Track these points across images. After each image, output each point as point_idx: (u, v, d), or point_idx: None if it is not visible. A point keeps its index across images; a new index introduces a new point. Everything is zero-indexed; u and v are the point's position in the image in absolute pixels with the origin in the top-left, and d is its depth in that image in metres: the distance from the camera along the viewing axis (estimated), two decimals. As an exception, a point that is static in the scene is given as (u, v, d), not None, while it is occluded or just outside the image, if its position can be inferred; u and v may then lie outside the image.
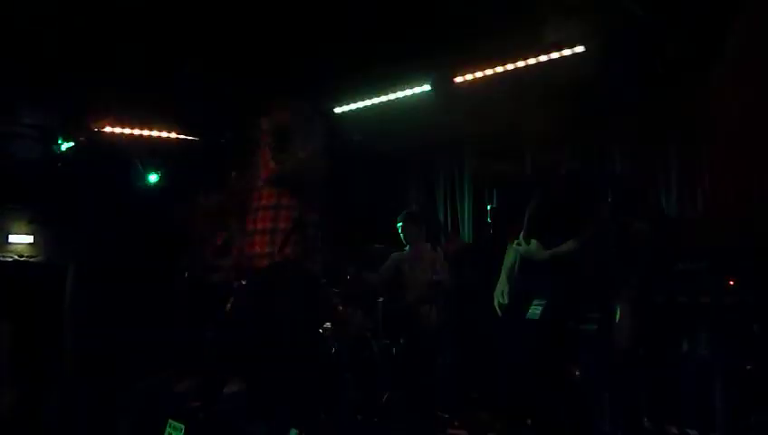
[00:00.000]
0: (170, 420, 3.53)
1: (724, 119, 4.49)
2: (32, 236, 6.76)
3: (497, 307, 3.82)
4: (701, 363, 3.92)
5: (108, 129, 6.51)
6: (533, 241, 3.50)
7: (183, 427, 3.48)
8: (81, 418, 4.63)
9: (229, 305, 4.65)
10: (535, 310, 3.54)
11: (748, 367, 3.74)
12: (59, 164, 6.50)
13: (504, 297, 3.77)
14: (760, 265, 3.93)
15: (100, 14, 4.83)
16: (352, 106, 6.39)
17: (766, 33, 4.04)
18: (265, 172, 3.73)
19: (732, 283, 3.89)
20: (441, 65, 5.54)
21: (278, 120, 3.80)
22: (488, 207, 4.72)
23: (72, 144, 6.51)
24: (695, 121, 4.97)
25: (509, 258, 3.84)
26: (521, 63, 5.38)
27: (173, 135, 6.87)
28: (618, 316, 4.11)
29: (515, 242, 3.61)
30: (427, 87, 5.79)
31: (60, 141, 6.47)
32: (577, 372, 4.03)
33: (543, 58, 5.24)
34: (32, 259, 6.61)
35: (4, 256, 6.55)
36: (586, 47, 4.96)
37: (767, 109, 4.02)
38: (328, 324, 5.53)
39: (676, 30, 4.69)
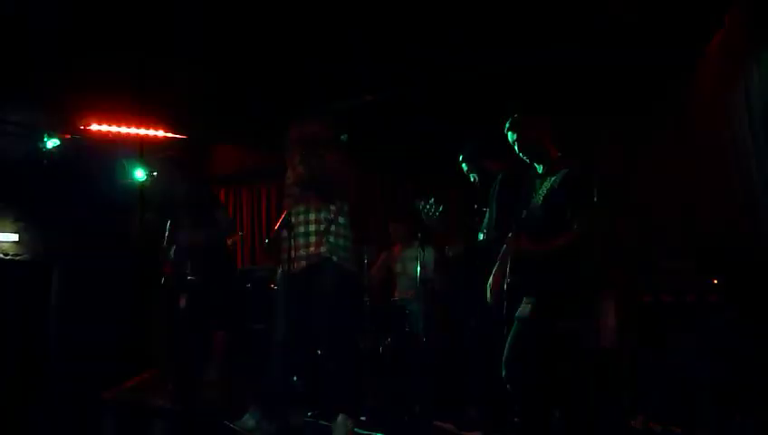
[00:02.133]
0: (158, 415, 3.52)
1: (707, 116, 4.54)
2: (17, 235, 6.71)
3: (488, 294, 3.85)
4: (685, 362, 3.95)
5: (94, 126, 6.48)
6: (522, 235, 3.52)
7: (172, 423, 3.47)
8: (67, 417, 4.61)
9: (183, 302, 4.70)
10: (525, 308, 3.56)
11: (732, 366, 3.77)
12: (45, 162, 6.45)
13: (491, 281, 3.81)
14: (745, 264, 3.96)
15: (90, 10, 4.81)
16: (342, 104, 6.39)
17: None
18: (293, 175, 3.97)
19: (716, 281, 3.93)
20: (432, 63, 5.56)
21: (307, 130, 4.04)
22: (475, 206, 4.72)
23: (57, 142, 6.47)
24: (678, 119, 5.01)
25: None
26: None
27: (160, 133, 6.85)
28: (602, 315, 4.13)
29: (507, 236, 3.64)
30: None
31: (45, 139, 6.43)
32: (562, 371, 4.05)
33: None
34: (17, 257, 6.56)
35: (-12, 255, 6.50)
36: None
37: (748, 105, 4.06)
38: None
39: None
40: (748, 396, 3.66)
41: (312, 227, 3.93)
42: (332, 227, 3.93)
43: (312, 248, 3.88)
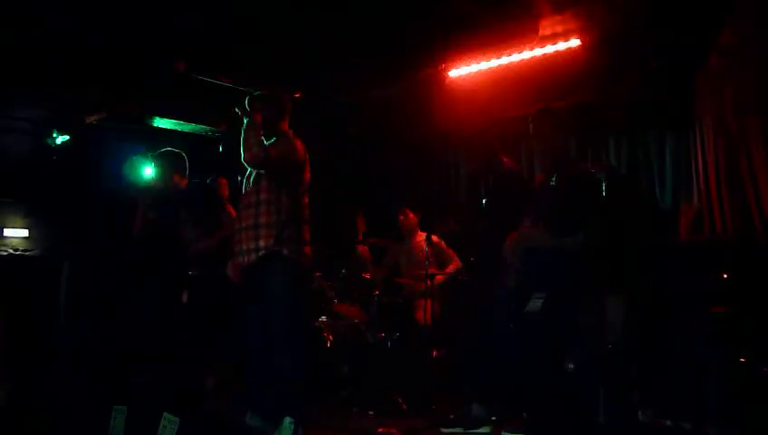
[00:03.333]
0: (165, 414, 3.53)
1: (718, 111, 4.51)
2: (27, 230, 6.74)
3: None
4: (694, 356, 3.93)
5: (103, 122, 6.52)
6: (540, 227, 3.53)
7: (178, 420, 3.48)
8: (75, 413, 4.63)
9: (185, 297, 4.69)
10: (536, 303, 3.56)
11: (741, 359, 3.75)
12: (54, 157, 6.49)
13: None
14: (751, 258, 3.94)
15: (94, 7, 4.82)
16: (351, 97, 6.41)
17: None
18: (248, 156, 3.74)
19: (725, 275, 3.90)
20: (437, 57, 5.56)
21: (265, 112, 3.88)
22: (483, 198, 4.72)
23: (66, 137, 6.50)
24: (689, 114, 4.98)
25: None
26: (517, 56, 5.39)
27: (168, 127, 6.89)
28: (611, 309, 4.12)
29: (521, 226, 3.65)
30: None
31: (55, 135, 6.46)
32: (571, 366, 4.05)
33: (539, 51, 5.25)
34: (27, 253, 6.59)
35: (-1, 250, 6.54)
36: (582, 41, 4.97)
37: (757, 101, 4.03)
38: (323, 318, 5.54)
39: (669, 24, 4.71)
40: (757, 391, 3.65)
41: (263, 220, 3.76)
42: (284, 216, 3.76)
43: (261, 241, 3.73)
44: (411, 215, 6.00)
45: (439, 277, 5.61)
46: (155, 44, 5.39)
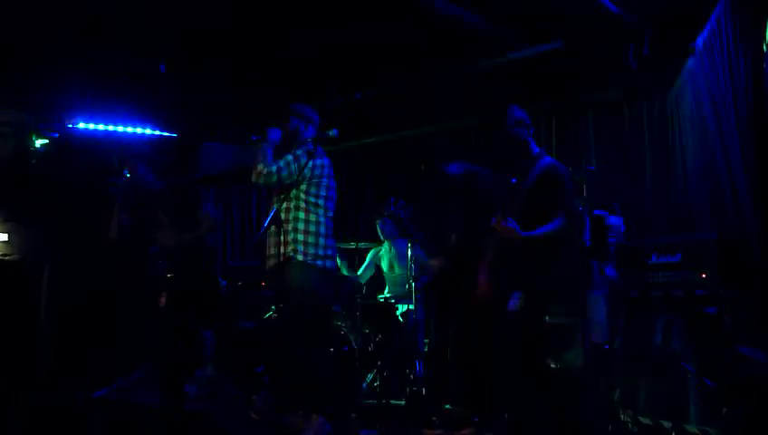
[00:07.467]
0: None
1: (696, 110, 4.54)
2: (6, 235, 6.67)
3: None
4: (674, 355, 3.95)
5: (82, 125, 6.48)
6: (510, 220, 3.54)
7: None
8: (57, 416, 4.60)
9: (163, 299, 4.71)
10: (516, 303, 3.58)
11: (720, 358, 3.77)
12: (33, 161, 6.43)
13: None
14: (731, 258, 3.96)
15: (75, 10, 4.79)
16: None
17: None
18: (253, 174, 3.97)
19: (704, 275, 3.92)
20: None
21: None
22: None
23: (46, 141, 6.44)
24: (668, 113, 5.02)
25: None
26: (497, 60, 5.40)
27: (149, 132, 6.85)
28: (592, 309, 4.14)
29: (492, 220, 3.67)
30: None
31: (33, 138, 6.40)
32: (552, 365, 4.06)
33: (518, 54, 5.26)
34: (6, 258, 6.52)
35: (-23, 256, 6.46)
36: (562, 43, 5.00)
37: (734, 100, 4.06)
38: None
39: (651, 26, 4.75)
40: (735, 389, 3.67)
41: (287, 226, 3.94)
42: (301, 225, 3.94)
43: (281, 247, 3.88)
44: (388, 222, 5.95)
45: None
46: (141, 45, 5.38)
